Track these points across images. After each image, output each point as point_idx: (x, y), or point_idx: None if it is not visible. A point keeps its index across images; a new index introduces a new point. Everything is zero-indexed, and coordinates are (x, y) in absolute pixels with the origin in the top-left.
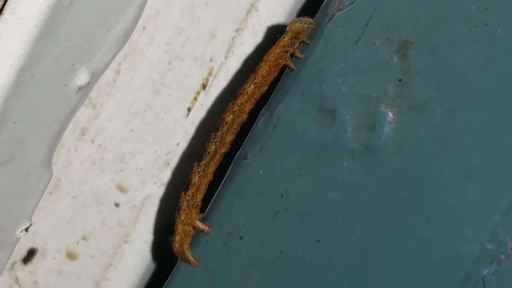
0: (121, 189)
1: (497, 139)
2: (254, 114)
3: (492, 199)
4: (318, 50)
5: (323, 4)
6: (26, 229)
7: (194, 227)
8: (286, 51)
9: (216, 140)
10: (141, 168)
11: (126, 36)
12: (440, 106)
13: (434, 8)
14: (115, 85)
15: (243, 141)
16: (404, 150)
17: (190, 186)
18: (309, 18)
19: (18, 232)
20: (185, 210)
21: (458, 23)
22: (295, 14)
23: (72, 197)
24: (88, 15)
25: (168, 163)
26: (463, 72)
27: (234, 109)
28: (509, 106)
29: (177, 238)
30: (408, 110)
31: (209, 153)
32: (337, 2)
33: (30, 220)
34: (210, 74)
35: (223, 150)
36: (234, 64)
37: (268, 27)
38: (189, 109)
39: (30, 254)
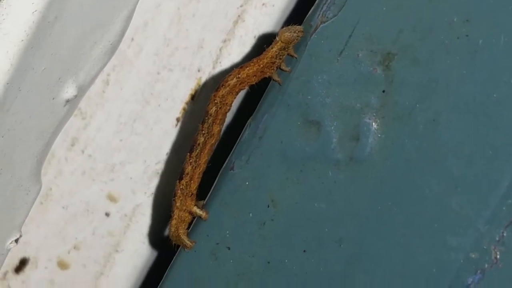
0: (112, 198)
1: (480, 148)
2: (240, 125)
3: (476, 208)
4: (302, 62)
5: (307, 16)
6: (16, 240)
7: (190, 213)
8: (273, 63)
9: (203, 131)
10: (131, 178)
11: (112, 49)
12: (423, 116)
13: (416, 19)
14: (104, 95)
15: (230, 152)
16: (388, 161)
17: (183, 175)
18: (299, 26)
19: (8, 243)
20: (180, 197)
21: (440, 34)
22: (281, 24)
23: (63, 207)
24: (74, 29)
25: (158, 173)
26: (445, 83)
27: (216, 101)
28: (491, 116)
29: (173, 222)
30: (392, 121)
31: (198, 144)
32: (320, 14)
33: (20, 231)
34: (198, 84)
35: (212, 141)
36: (222, 75)
37: (255, 37)
38: (178, 119)
39: (22, 264)
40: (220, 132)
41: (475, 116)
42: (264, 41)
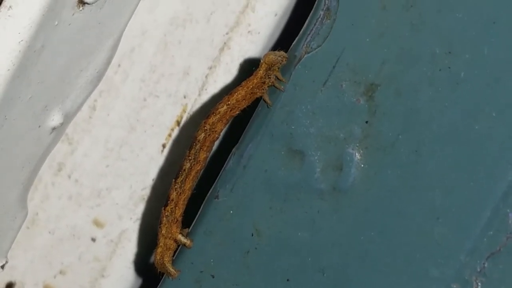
0: (98, 224)
1: (462, 180)
2: (224, 154)
3: (458, 239)
4: (286, 92)
5: (291, 46)
6: (2, 267)
7: (175, 241)
8: (264, 82)
9: (190, 157)
10: (117, 203)
11: (99, 76)
12: (405, 147)
13: (399, 51)
14: (91, 121)
15: (215, 181)
16: (371, 191)
17: (169, 202)
18: (283, 52)
19: None
20: (165, 224)
21: (422, 66)
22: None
23: (49, 232)
24: (60, 58)
25: (144, 198)
26: (427, 114)
27: (205, 128)
28: (472, 147)
29: (159, 250)
30: (375, 151)
31: (184, 170)
32: (305, 45)
33: (6, 257)
34: (184, 111)
35: (198, 167)
36: (208, 101)
37: (240, 64)
38: (163, 145)
39: None
40: (207, 160)
41: (457, 147)
42: (250, 68)
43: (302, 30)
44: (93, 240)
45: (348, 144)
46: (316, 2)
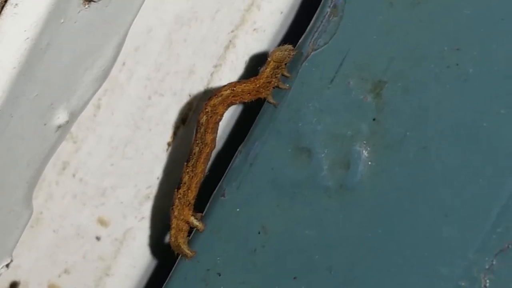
0: (102, 222)
1: (470, 177)
2: (231, 152)
3: (465, 236)
4: (293, 89)
5: (298, 44)
6: (7, 265)
7: (188, 223)
8: (269, 82)
9: (197, 141)
10: (121, 202)
11: (104, 74)
12: (413, 144)
13: (407, 48)
14: (96, 119)
15: (221, 179)
16: (378, 188)
17: (181, 185)
18: (289, 46)
19: None
20: (177, 206)
21: (430, 63)
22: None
23: (54, 231)
24: (66, 56)
25: (149, 197)
26: (435, 111)
27: (206, 110)
28: (481, 144)
29: (172, 232)
30: (382, 149)
31: (194, 153)
32: (311, 42)
33: (11, 256)
34: (189, 109)
35: (207, 150)
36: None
37: (246, 62)
38: (168, 144)
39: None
40: (215, 141)
41: (465, 145)
42: (255, 66)
43: (308, 27)
44: (98, 239)
45: (356, 141)
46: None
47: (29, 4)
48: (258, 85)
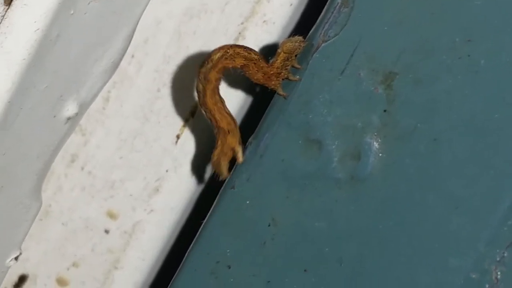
0: (111, 215)
1: (481, 169)
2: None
3: (476, 228)
4: (304, 81)
5: (308, 35)
6: (16, 258)
7: (234, 151)
8: (280, 73)
9: (202, 107)
10: (130, 195)
11: (114, 66)
12: (424, 136)
13: (418, 39)
14: (105, 112)
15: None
16: (389, 180)
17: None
18: (300, 37)
19: (8, 261)
20: (221, 137)
21: (441, 54)
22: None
23: (63, 224)
24: (76, 47)
25: (158, 190)
26: (446, 102)
27: (200, 77)
28: (492, 136)
29: (216, 151)
30: (393, 140)
31: (211, 122)
32: (322, 33)
33: (20, 248)
34: (198, 102)
35: (210, 115)
36: (222, 91)
37: None
38: (178, 136)
39: (21, 281)
40: (220, 101)
41: (477, 136)
42: (265, 58)
43: (319, 18)
44: (107, 232)
45: (366, 133)
46: None
47: None
48: (268, 74)
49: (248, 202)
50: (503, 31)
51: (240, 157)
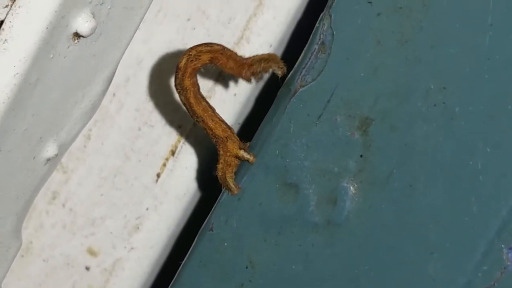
0: (92, 252)
1: (456, 215)
2: (219, 185)
3: (452, 274)
4: (281, 125)
5: (286, 80)
6: None
7: (237, 157)
8: (252, 65)
9: (178, 89)
10: (111, 232)
11: (93, 108)
12: (400, 181)
13: (394, 86)
14: (86, 150)
15: (209, 212)
16: (365, 225)
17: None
18: (284, 65)
19: None
20: (221, 144)
21: (417, 101)
22: (261, 87)
23: (44, 260)
24: (55, 91)
25: (138, 228)
26: (422, 149)
27: (190, 53)
28: (467, 182)
29: (220, 166)
30: (369, 186)
31: (184, 105)
32: (299, 78)
33: (0, 286)
34: (179, 140)
35: (190, 94)
36: (202, 131)
37: (235, 95)
38: (158, 175)
39: None
40: (196, 84)
41: (452, 183)
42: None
43: (297, 63)
44: (87, 269)
45: (343, 178)
46: (311, 36)
47: (18, 40)
48: (242, 64)
49: (226, 244)
50: (477, 79)
51: (249, 158)
